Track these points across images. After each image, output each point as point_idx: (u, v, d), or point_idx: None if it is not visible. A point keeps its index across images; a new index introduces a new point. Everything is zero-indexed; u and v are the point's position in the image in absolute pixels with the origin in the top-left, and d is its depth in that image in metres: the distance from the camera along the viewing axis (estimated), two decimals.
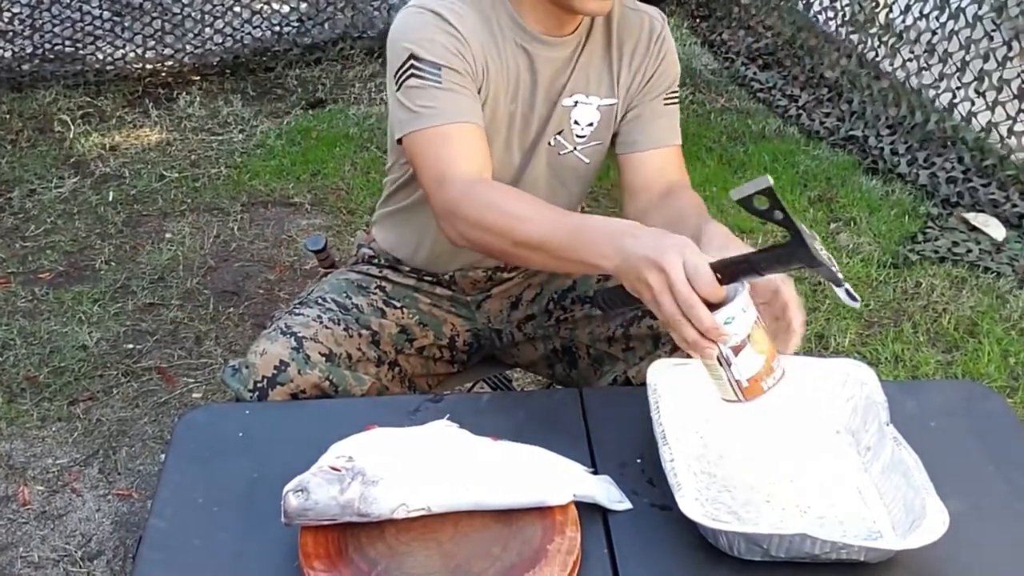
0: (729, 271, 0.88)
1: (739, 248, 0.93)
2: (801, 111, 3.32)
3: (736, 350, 0.88)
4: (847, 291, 0.88)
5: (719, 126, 3.25)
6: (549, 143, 1.23)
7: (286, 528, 0.88)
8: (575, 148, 1.24)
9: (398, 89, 1.10)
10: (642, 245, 0.88)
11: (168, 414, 2.01)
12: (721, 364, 0.89)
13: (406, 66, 1.09)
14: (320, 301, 1.25)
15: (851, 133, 3.07)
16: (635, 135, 1.22)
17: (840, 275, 0.87)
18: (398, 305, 1.31)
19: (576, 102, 1.21)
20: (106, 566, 1.68)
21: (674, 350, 1.17)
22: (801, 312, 0.95)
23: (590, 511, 0.93)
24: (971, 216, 2.65)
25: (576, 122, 1.21)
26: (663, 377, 1.03)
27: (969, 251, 2.53)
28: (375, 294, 1.31)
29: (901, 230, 2.64)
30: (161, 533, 0.93)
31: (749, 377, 0.89)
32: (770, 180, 0.83)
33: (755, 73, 3.64)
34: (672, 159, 1.23)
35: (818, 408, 1.05)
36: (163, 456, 1.55)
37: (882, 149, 2.96)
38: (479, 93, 1.13)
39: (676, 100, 1.25)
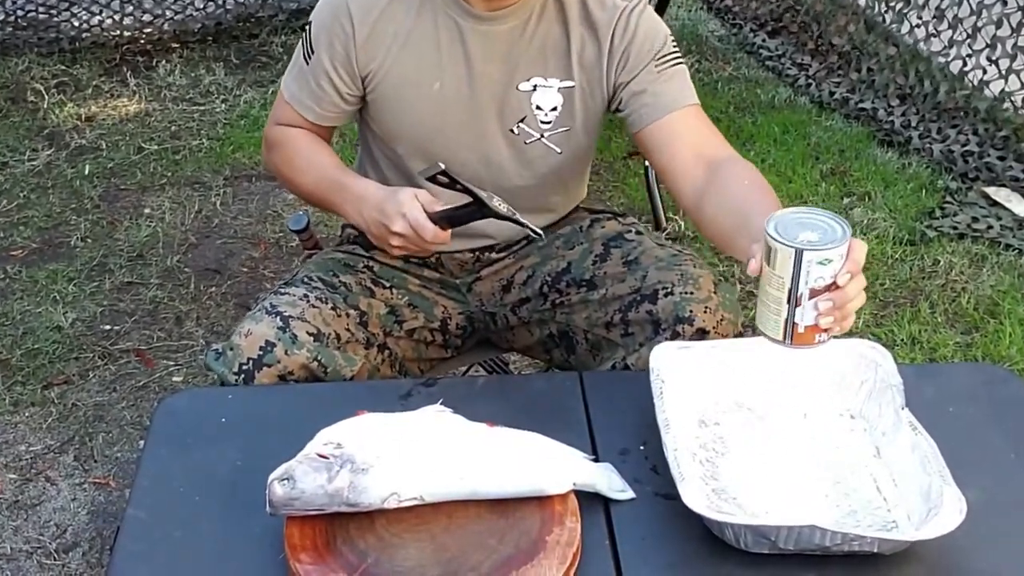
0: (447, 220, 1.06)
1: None
2: (811, 80, 3.22)
3: (813, 293, 0.85)
4: (532, 229, 1.07)
5: (726, 96, 3.16)
6: (512, 131, 1.20)
7: (271, 518, 0.86)
8: (542, 135, 1.21)
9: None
10: (373, 212, 1.11)
11: (147, 398, 1.97)
12: (788, 301, 0.86)
13: (306, 29, 1.21)
14: (306, 280, 1.22)
15: (861, 105, 3.00)
16: (641, 108, 1.17)
17: (523, 220, 1.07)
18: (387, 285, 1.28)
19: (535, 86, 1.18)
20: (82, 558, 1.64)
21: (674, 336, 1.14)
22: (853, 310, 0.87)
23: (591, 500, 0.91)
24: (992, 191, 2.57)
25: (539, 107, 1.19)
26: (666, 362, 1.01)
27: (990, 227, 2.45)
28: (363, 273, 1.28)
29: (918, 205, 2.56)
30: (140, 524, 0.91)
31: (807, 325, 0.86)
32: (442, 166, 1.02)
33: (764, 40, 3.52)
34: (692, 122, 1.16)
35: (830, 391, 1.03)
36: (142, 443, 1.52)
37: (893, 122, 2.89)
38: (369, 76, 1.18)
39: (672, 63, 1.18)
